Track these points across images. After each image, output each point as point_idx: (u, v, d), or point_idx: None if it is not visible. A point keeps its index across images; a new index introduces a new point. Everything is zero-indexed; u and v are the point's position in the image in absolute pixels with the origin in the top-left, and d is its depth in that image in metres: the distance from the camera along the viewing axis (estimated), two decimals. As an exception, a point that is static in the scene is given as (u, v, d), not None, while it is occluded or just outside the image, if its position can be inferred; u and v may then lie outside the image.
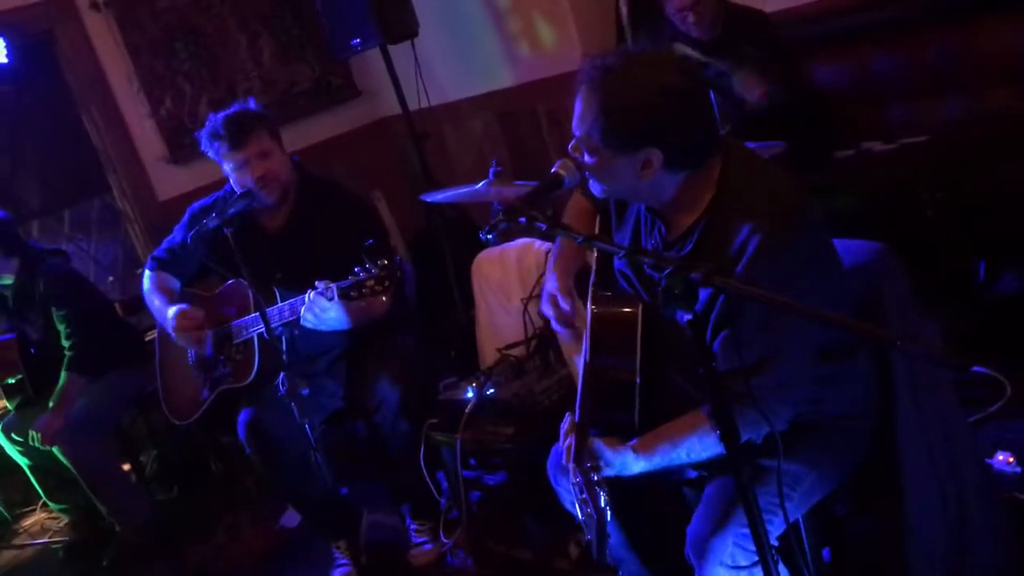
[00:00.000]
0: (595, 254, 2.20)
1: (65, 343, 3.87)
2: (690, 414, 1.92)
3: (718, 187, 1.89)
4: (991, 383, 3.08)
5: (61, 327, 3.88)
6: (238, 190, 3.12)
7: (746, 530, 1.76)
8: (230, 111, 3.12)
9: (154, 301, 3.38)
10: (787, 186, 1.90)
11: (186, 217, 3.39)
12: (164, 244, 3.45)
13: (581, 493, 1.91)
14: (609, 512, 1.85)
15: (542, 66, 4.82)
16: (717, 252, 1.85)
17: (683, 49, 3.47)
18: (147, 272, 3.46)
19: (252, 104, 3.18)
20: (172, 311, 3.25)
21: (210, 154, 3.13)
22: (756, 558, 1.83)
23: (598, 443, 1.95)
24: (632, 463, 1.94)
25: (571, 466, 1.94)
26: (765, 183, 1.90)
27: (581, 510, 1.94)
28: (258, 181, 3.09)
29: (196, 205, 3.38)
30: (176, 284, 3.43)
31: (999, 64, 3.48)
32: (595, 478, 1.88)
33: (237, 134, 3.05)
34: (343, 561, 3.39)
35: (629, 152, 1.83)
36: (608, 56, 1.84)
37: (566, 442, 2.01)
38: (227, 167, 3.13)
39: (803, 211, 1.87)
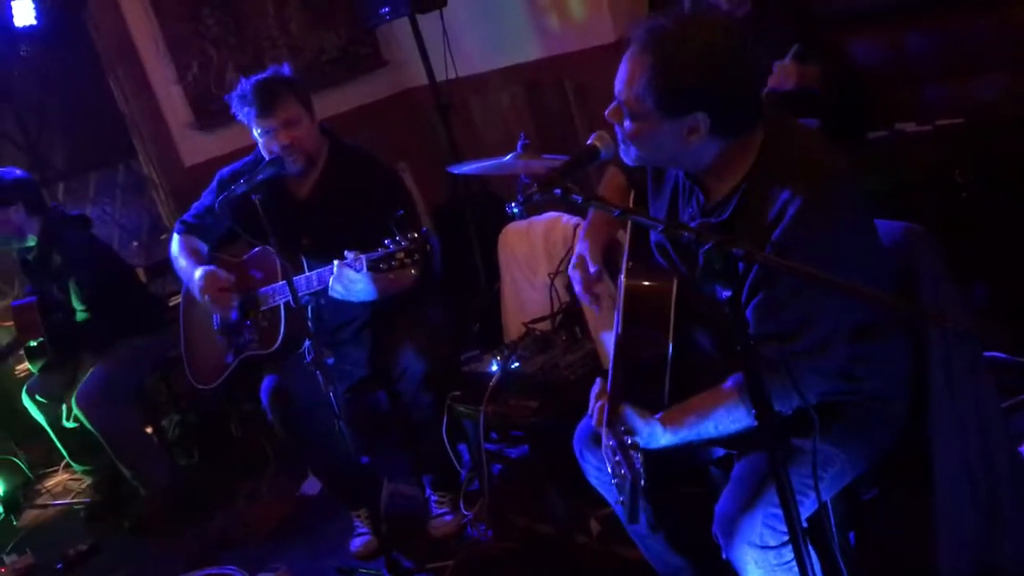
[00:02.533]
0: (628, 228, 2.18)
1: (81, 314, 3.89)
2: (717, 387, 1.90)
3: (759, 153, 1.87)
4: (1022, 370, 3.05)
5: (78, 307, 3.89)
6: (265, 155, 3.12)
7: (776, 510, 1.74)
8: (261, 76, 3.10)
9: (180, 263, 3.37)
10: (828, 154, 1.88)
11: (215, 182, 3.38)
12: (192, 209, 3.45)
13: (615, 455, 1.88)
14: (644, 475, 1.83)
15: (571, 39, 4.76)
16: (755, 218, 1.83)
17: None
18: (175, 235, 3.46)
19: (286, 70, 3.17)
20: (199, 272, 3.23)
21: (239, 117, 3.12)
22: (785, 538, 1.82)
23: (629, 411, 1.93)
24: (660, 435, 1.92)
25: (604, 430, 1.92)
26: (806, 150, 1.88)
27: (614, 472, 1.92)
28: (283, 149, 3.08)
29: (225, 170, 3.37)
30: (204, 248, 3.42)
31: (1039, 46, 3.42)
32: (629, 441, 1.86)
33: (265, 101, 3.04)
34: (363, 530, 3.41)
35: (678, 115, 1.80)
36: (660, 18, 1.81)
37: (598, 404, 1.99)
38: (255, 132, 3.12)
39: (844, 179, 1.85)
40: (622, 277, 2.08)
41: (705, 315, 1.99)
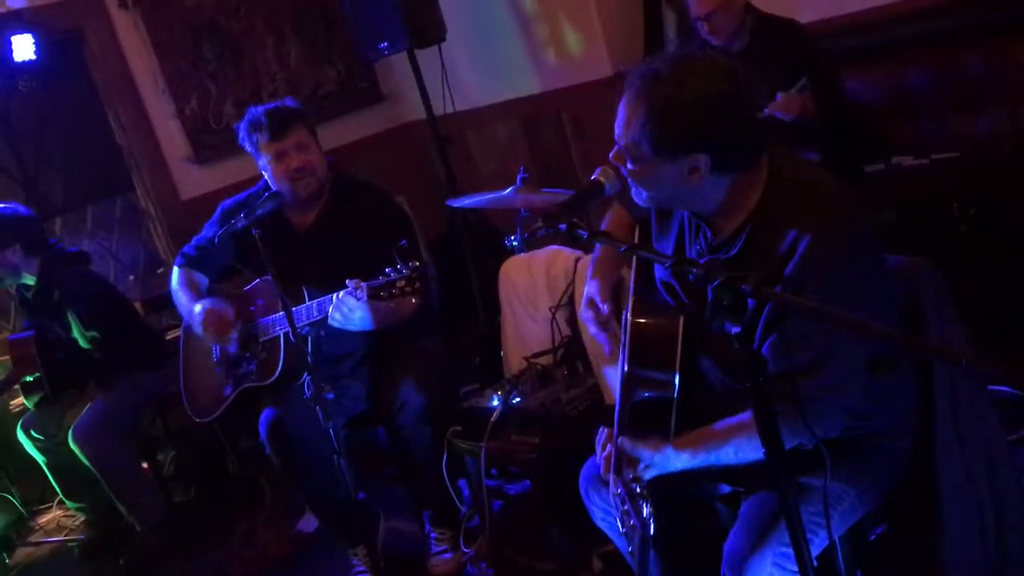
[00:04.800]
0: (633, 266, 2.17)
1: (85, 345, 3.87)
2: (739, 415, 1.88)
3: (765, 188, 1.87)
4: (1024, 404, 3.04)
5: (82, 341, 3.87)
6: (273, 184, 3.12)
7: (786, 548, 1.72)
8: (270, 105, 3.14)
9: (180, 297, 3.36)
10: (835, 188, 1.88)
11: (217, 214, 3.37)
12: (194, 241, 3.43)
13: (623, 504, 1.87)
14: (653, 525, 1.81)
15: (568, 74, 4.80)
16: (765, 254, 1.82)
17: None
18: (175, 268, 3.45)
19: (290, 102, 3.21)
20: (199, 308, 3.22)
21: (247, 146, 3.13)
22: None
23: (629, 443, 1.90)
24: (673, 459, 1.89)
25: (611, 477, 1.90)
26: (813, 184, 1.88)
27: (623, 522, 1.90)
28: (295, 172, 3.09)
29: (228, 202, 3.36)
30: (204, 281, 3.41)
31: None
32: (637, 489, 1.84)
33: (277, 125, 3.06)
34: (361, 568, 3.35)
35: (677, 157, 1.80)
36: (655, 62, 1.81)
37: (604, 453, 1.97)
38: (263, 160, 3.12)
39: (853, 212, 1.85)
40: (627, 315, 2.07)
41: (713, 352, 1.98)
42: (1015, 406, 3.01)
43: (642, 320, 2.04)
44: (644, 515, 1.80)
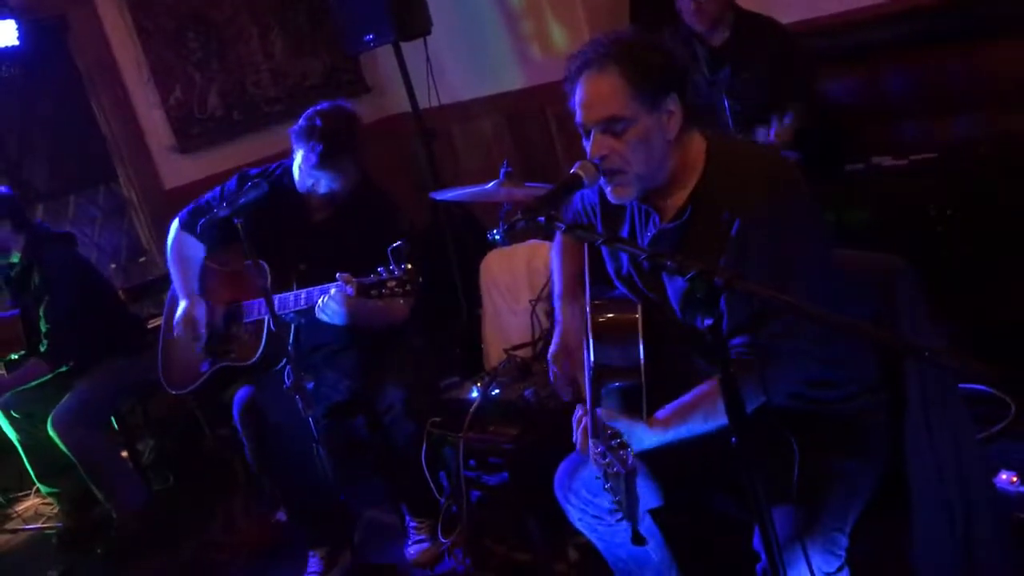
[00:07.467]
0: (586, 268, 2.22)
1: (42, 327, 3.86)
2: (703, 384, 1.93)
3: (704, 166, 1.97)
4: (995, 402, 3.08)
5: (43, 329, 3.86)
6: (296, 174, 3.10)
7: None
8: (336, 127, 3.01)
9: (172, 270, 3.32)
10: (769, 159, 2.01)
11: (236, 177, 3.27)
12: (201, 200, 3.31)
13: (604, 458, 1.86)
14: (638, 470, 1.84)
15: (553, 69, 4.76)
16: (708, 233, 1.91)
17: None
18: (175, 225, 3.35)
19: (352, 117, 3.11)
20: (183, 304, 3.22)
21: (293, 137, 3.05)
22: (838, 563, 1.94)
23: (608, 414, 1.93)
24: (646, 436, 1.91)
25: (590, 441, 1.91)
26: (749, 157, 2.01)
27: (606, 475, 1.88)
28: (318, 190, 3.08)
29: (252, 171, 3.27)
30: (199, 253, 3.34)
31: (1010, 84, 3.49)
32: (615, 442, 1.84)
33: (325, 162, 2.99)
34: (315, 570, 3.31)
35: (656, 103, 1.90)
36: (590, 46, 1.95)
37: (581, 426, 2.00)
38: (299, 158, 3.07)
39: (789, 182, 1.94)
40: (588, 314, 2.11)
41: (675, 335, 2.04)
42: (986, 403, 3.06)
43: (603, 317, 2.09)
44: (629, 462, 1.80)
